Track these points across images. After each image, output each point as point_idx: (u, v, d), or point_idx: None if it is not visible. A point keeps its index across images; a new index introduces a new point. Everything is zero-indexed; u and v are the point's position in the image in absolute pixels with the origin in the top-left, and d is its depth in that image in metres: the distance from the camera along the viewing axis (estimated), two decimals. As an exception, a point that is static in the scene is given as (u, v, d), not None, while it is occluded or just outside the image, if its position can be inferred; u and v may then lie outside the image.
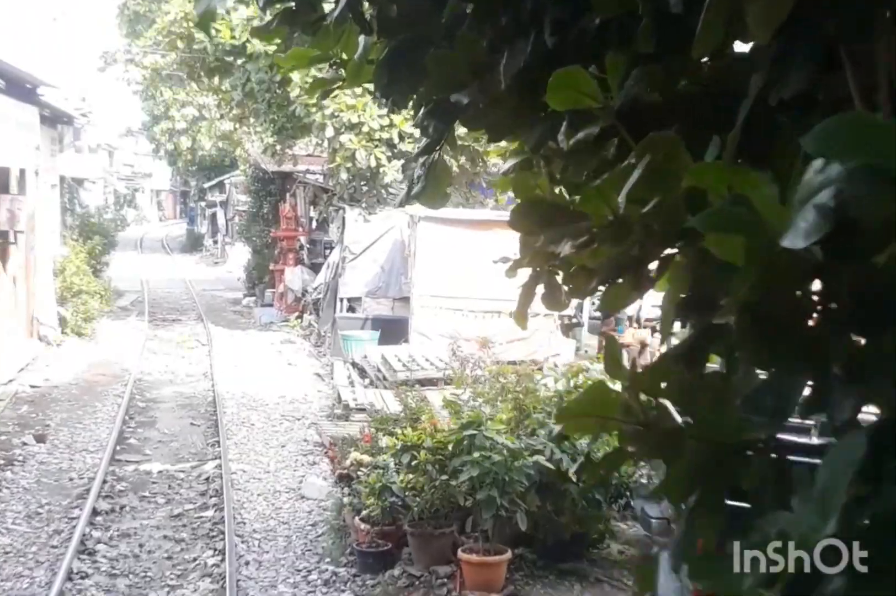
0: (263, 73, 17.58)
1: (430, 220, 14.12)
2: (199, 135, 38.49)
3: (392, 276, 16.29)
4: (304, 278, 19.72)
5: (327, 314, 17.22)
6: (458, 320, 14.32)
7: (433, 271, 14.24)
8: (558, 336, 14.67)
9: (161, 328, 19.91)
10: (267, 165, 22.63)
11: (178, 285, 28.97)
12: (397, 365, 12.43)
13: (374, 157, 15.89)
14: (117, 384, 13.89)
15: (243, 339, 18.40)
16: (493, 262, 2.45)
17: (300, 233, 21.26)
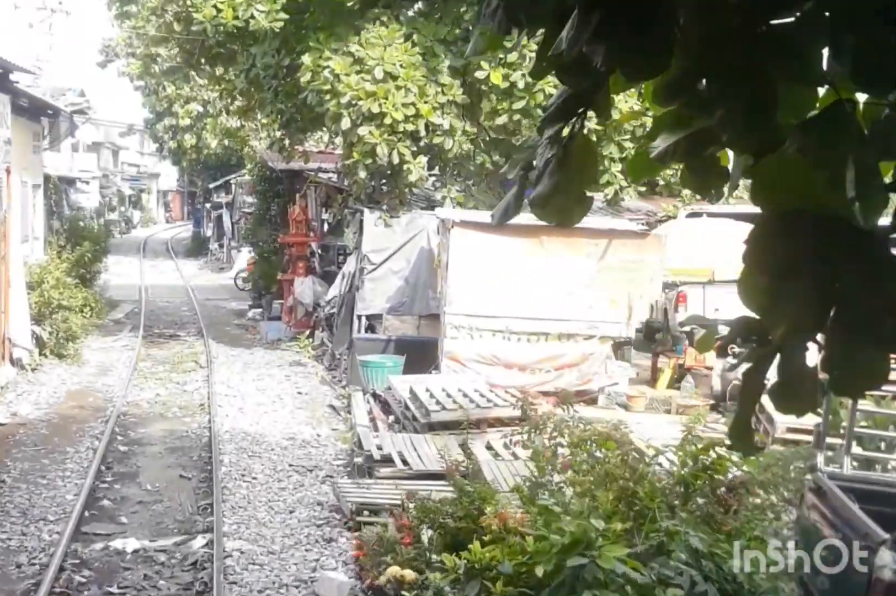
0: (270, 57, 15.53)
1: (466, 225, 12.03)
2: (204, 132, 36.52)
3: (417, 290, 14.21)
4: (315, 290, 17.65)
5: (342, 333, 15.15)
6: (497, 344, 12.23)
7: (469, 286, 12.16)
8: (614, 362, 12.55)
9: (156, 346, 17.86)
10: (274, 163, 20.60)
11: (180, 294, 26.94)
12: (430, 402, 10.34)
13: (396, 152, 13.80)
14: (97, 420, 11.84)
15: (248, 359, 16.33)
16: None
17: (311, 238, 19.20)
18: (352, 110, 13.71)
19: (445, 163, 15.37)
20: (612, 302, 12.26)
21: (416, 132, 13.98)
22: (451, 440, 9.81)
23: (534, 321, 12.19)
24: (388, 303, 14.20)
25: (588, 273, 12.18)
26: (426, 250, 14.31)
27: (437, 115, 14.01)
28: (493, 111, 14.80)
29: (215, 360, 16.14)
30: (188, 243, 46.96)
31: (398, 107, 13.63)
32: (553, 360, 12.27)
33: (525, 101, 13.87)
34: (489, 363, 12.20)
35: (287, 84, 15.70)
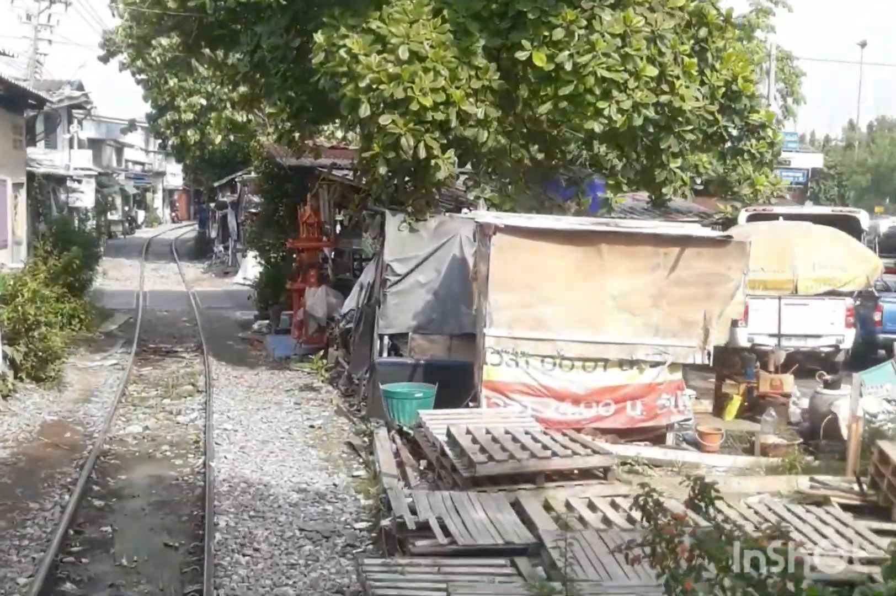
0: (277, 37, 13.72)
1: (511, 231, 10.18)
2: (208, 127, 34.80)
3: (449, 305, 12.36)
4: (329, 302, 15.82)
5: (361, 354, 13.30)
6: (547, 372, 10.37)
7: (513, 303, 10.31)
8: (686, 393, 10.67)
9: (150, 364, 16.06)
10: (282, 159, 18.77)
11: (181, 301, 25.14)
12: (472, 449, 8.48)
13: (423, 144, 11.96)
14: (72, 464, 10.05)
15: (252, 381, 14.51)
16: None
17: (324, 243, 17.35)
18: (372, 96, 11.88)
19: (478, 158, 13.52)
20: (684, 322, 10.39)
21: (446, 122, 12.13)
22: (500, 499, 7.97)
23: (590, 345, 10.33)
24: (414, 320, 12.35)
25: (656, 288, 10.32)
26: (458, 259, 12.46)
27: (470, 103, 12.17)
28: (534, 98, 12.99)
29: (215, 382, 14.32)
30: (192, 245, 45.20)
31: (426, 92, 11.79)
32: (613, 391, 10.41)
33: (573, 85, 12.00)
34: (537, 395, 10.35)
35: (297, 67, 13.88)
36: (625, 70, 12.03)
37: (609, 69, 11.88)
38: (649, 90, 12.30)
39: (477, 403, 10.54)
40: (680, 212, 17.47)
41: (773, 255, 12.52)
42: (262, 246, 20.31)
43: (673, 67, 12.68)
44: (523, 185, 13.84)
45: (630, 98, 12.09)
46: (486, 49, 12.35)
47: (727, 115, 13.92)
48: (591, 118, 12.18)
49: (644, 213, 16.90)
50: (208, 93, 33.59)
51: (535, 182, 14.08)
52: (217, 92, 32.35)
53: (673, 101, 12.48)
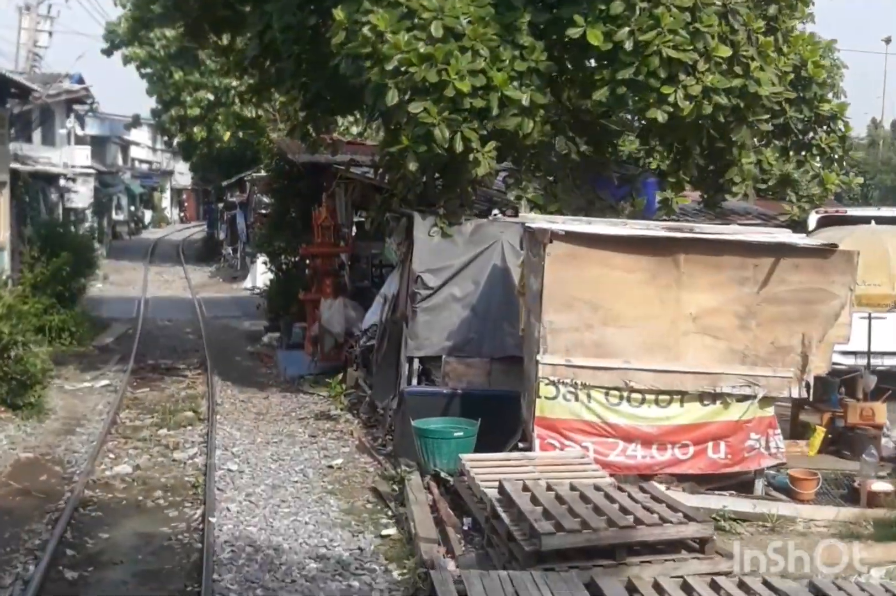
0: (290, 16, 12.10)
1: (570, 238, 8.54)
2: (216, 123, 33.25)
3: (489, 323, 10.74)
4: (347, 315, 14.22)
5: (385, 378, 11.70)
6: (612, 407, 8.73)
7: (572, 323, 8.68)
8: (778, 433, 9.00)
9: (147, 384, 14.48)
10: (295, 155, 17.17)
11: (185, 309, 23.57)
12: (534, 513, 6.84)
13: (460, 136, 10.34)
14: (42, 519, 8.47)
15: (261, 406, 12.92)
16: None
17: (341, 248, 15.72)
18: (400, 80, 10.26)
19: (520, 152, 11.89)
20: (777, 348, 8.74)
21: (486, 110, 10.51)
22: (572, 580, 6.33)
23: (665, 375, 8.69)
24: (448, 341, 10.72)
25: (744, 306, 8.69)
26: (500, 270, 10.84)
27: (514, 87, 10.55)
28: (587, 83, 11.38)
29: (219, 407, 12.75)
30: (200, 246, 43.66)
31: (463, 75, 10.17)
32: (692, 430, 8.77)
33: (633, 68, 10.36)
34: (600, 434, 8.72)
35: (312, 50, 12.29)
36: (694, 49, 10.40)
37: (676, 48, 10.23)
38: (720, 73, 10.69)
39: (527, 443, 8.90)
40: (737, 213, 15.80)
41: (869, 266, 10.82)
42: (273, 251, 18.70)
43: (746, 47, 11.04)
44: (570, 184, 12.20)
45: (700, 82, 10.44)
46: (531, 25, 10.73)
47: (794, 104, 12.30)
48: (653, 106, 10.55)
49: (698, 215, 15.23)
50: (215, 87, 32.04)
51: (584, 180, 12.43)
52: (224, 86, 30.80)
53: (748, 85, 10.84)
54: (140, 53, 32.92)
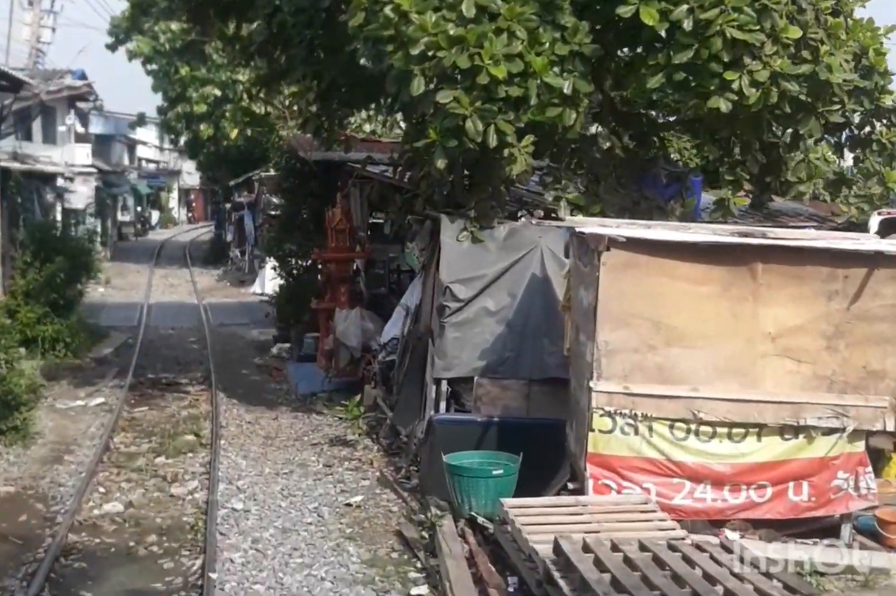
0: (303, -4, 10.98)
1: (630, 245, 7.35)
2: (223, 121, 32.14)
3: (527, 340, 9.55)
4: (364, 328, 13.06)
5: (408, 398, 10.53)
6: (678, 442, 7.55)
7: (631, 344, 7.51)
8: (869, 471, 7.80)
9: (146, 403, 13.35)
10: (306, 153, 16.02)
11: (190, 316, 22.45)
12: (600, 584, 5.65)
13: (494, 129, 9.19)
14: (18, 571, 7.36)
15: (270, 429, 11.77)
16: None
17: (357, 253, 14.54)
18: (427, 66, 9.12)
19: (560, 147, 10.72)
20: (870, 373, 7.55)
21: (524, 99, 9.37)
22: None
23: (739, 404, 7.51)
24: (481, 360, 9.53)
25: (831, 324, 7.50)
26: (540, 280, 9.65)
27: (555, 74, 9.41)
28: (639, 69, 10.24)
29: (224, 430, 11.61)
30: (207, 248, 42.56)
31: (498, 60, 9.03)
32: (771, 468, 7.58)
33: (692, 51, 9.19)
34: (664, 474, 7.54)
35: (327, 34, 11.18)
36: (760, 30, 9.23)
37: (741, 28, 9.06)
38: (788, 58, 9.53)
39: (578, 483, 7.73)
40: (787, 215, 14.60)
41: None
42: (282, 255, 17.53)
43: (815, 29, 9.87)
44: (614, 183, 11.01)
45: (767, 67, 9.28)
46: (574, 4, 9.58)
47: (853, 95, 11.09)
48: (714, 94, 9.38)
49: (745, 217, 14.03)
50: (222, 82, 30.94)
51: (628, 178, 11.24)
52: (230, 78, 29.67)
53: (818, 71, 9.66)
54: (145, 48, 31.84)
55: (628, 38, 10.06)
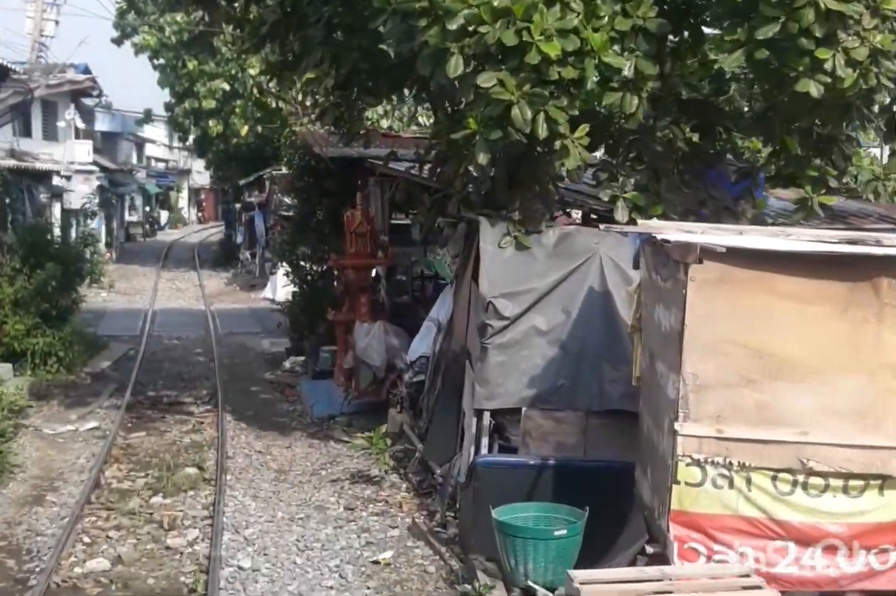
0: (319, -31, 9.66)
1: (729, 256, 5.98)
2: (233, 117, 30.85)
3: (584, 365, 8.18)
4: (388, 344, 11.70)
5: (441, 428, 9.18)
6: (781, 497, 6.18)
7: (725, 376, 6.13)
8: None
9: (144, 427, 12.07)
10: (322, 149, 14.68)
11: (196, 324, 21.15)
12: None
13: (543, 117, 7.86)
14: (-25, 655, 6.04)
15: (283, 460, 10.45)
16: None
17: (379, 260, 13.17)
18: (467, 44, 7.81)
19: (617, 139, 9.38)
20: None
21: (580, 82, 8.04)
22: None
23: (858, 451, 6.14)
24: (530, 388, 8.17)
25: (975, 355, 6.11)
26: (599, 295, 8.29)
27: (615, 53, 8.09)
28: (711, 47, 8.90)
29: (231, 462, 10.30)
30: (217, 249, 41.32)
31: (550, 36, 7.71)
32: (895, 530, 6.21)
33: (778, 24, 7.82)
34: (765, 536, 6.17)
35: (347, 12, 9.86)
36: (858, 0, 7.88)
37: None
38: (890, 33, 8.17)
39: (659, 546, 6.38)
40: (854, 216, 13.21)
41: None
42: (295, 261, 16.19)
43: (917, -1, 8.50)
44: (677, 180, 9.64)
45: (865, 43, 7.92)
46: (638, -28, 8.25)
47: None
48: (803, 75, 8.01)
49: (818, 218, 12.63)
50: (231, 76, 29.65)
51: (693, 175, 9.87)
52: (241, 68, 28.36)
53: (924, 49, 8.28)
54: (151, 41, 30.59)
55: (700, 11, 8.71)
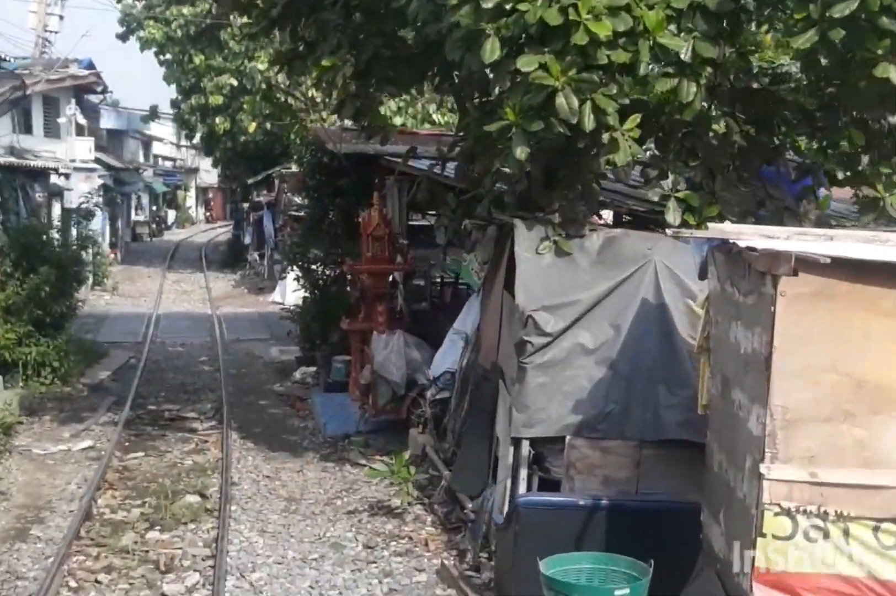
0: (336, -60, 8.74)
1: (829, 267, 5.04)
2: (241, 113, 29.91)
3: (637, 387, 7.22)
4: (409, 357, 10.76)
5: (470, 455, 8.24)
6: (886, 550, 5.23)
7: (821, 410, 5.18)
8: None
9: (142, 446, 11.17)
10: (336, 145, 13.72)
11: (202, 329, 20.27)
12: None
13: (591, 106, 6.95)
14: None
15: (293, 487, 9.51)
16: None
17: (398, 266, 12.20)
18: (504, 24, 6.90)
19: (668, 132, 8.43)
20: None
21: (632, 67, 7.11)
22: None
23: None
24: (575, 414, 7.22)
25: None
26: (654, 308, 7.34)
27: (671, 33, 7.16)
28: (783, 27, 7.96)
29: (236, 488, 9.37)
30: (225, 250, 40.45)
31: (600, 14, 6.79)
32: None
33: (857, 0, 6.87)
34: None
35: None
36: (951, -30, 6.92)
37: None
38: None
39: (739, 608, 5.44)
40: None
41: None
42: (306, 264, 15.24)
43: None
44: (734, 177, 8.68)
45: (955, 23, 6.97)
46: (698, -61, 7.31)
47: None
48: (881, 59, 7.06)
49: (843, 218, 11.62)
50: (239, 71, 28.74)
51: (750, 172, 8.92)
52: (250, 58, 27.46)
53: None
54: (156, 34, 29.70)
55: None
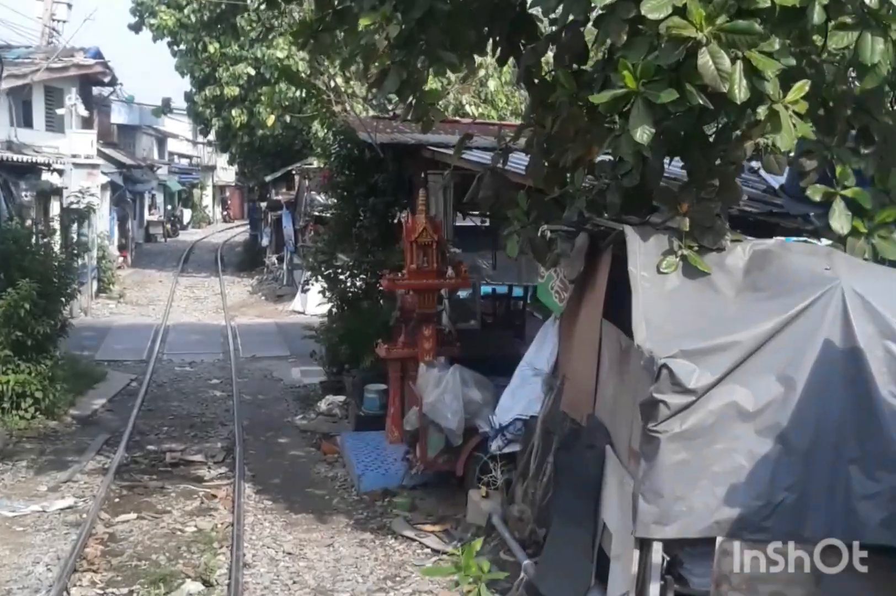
0: None
1: None
2: (259, 105, 27.89)
3: (820, 467, 5.12)
4: (466, 397, 8.60)
5: (566, 554, 6.16)
6: None
7: None
8: None
9: (133, 502, 9.12)
10: (371, 134, 11.60)
11: (214, 343, 18.26)
12: None
13: (742, 67, 4.89)
14: None
15: (321, 571, 7.43)
16: None
17: (451, 281, 10.03)
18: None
19: (836, 108, 6.32)
20: None
21: (800, 14, 5.07)
22: None
23: None
24: (729, 506, 5.13)
25: None
26: (841, 354, 5.19)
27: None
28: None
29: (249, 573, 7.30)
30: (241, 252, 38.49)
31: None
32: None
33: None
34: None
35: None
36: None
37: None
38: None
39: None
40: None
41: None
42: (333, 275, 13.09)
43: None
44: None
45: None
46: None
47: None
48: None
49: None
50: (256, 59, 26.71)
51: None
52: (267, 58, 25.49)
53: None
54: (169, 21, 27.71)
55: None
